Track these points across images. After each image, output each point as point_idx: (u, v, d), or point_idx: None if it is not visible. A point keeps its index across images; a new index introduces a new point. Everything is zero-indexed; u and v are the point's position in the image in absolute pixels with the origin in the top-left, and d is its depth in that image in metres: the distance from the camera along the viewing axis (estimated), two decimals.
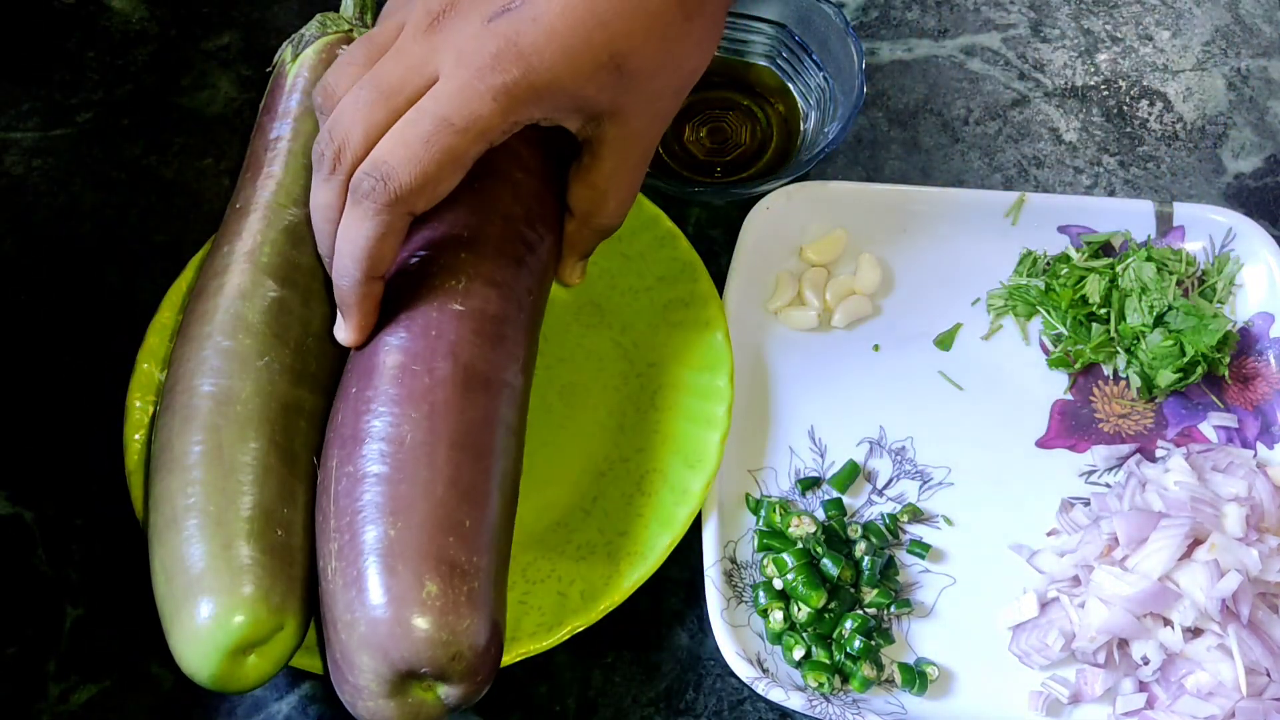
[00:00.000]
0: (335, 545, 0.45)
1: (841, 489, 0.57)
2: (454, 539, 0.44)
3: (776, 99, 0.67)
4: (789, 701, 0.51)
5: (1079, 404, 0.60)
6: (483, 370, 0.48)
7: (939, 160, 0.67)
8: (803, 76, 0.66)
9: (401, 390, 0.47)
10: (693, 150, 0.66)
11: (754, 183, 0.61)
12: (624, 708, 0.54)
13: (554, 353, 0.60)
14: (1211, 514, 0.52)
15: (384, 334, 0.49)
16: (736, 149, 0.66)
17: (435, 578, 0.43)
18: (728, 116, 0.67)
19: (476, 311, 0.49)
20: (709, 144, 0.66)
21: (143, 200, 0.66)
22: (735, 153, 0.66)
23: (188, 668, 0.44)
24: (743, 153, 0.66)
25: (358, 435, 0.46)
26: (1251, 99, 0.69)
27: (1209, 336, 0.58)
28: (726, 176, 0.65)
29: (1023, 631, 0.54)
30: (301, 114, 0.55)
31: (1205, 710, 0.50)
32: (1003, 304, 0.62)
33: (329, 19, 0.59)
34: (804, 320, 0.61)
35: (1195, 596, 0.50)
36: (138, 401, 0.56)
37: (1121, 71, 0.70)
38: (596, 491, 0.56)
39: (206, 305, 0.51)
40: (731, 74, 0.68)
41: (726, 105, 0.67)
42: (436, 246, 0.50)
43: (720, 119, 0.67)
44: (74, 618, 0.56)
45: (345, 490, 0.45)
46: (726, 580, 0.54)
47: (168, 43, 0.71)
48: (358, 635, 0.43)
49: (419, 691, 0.44)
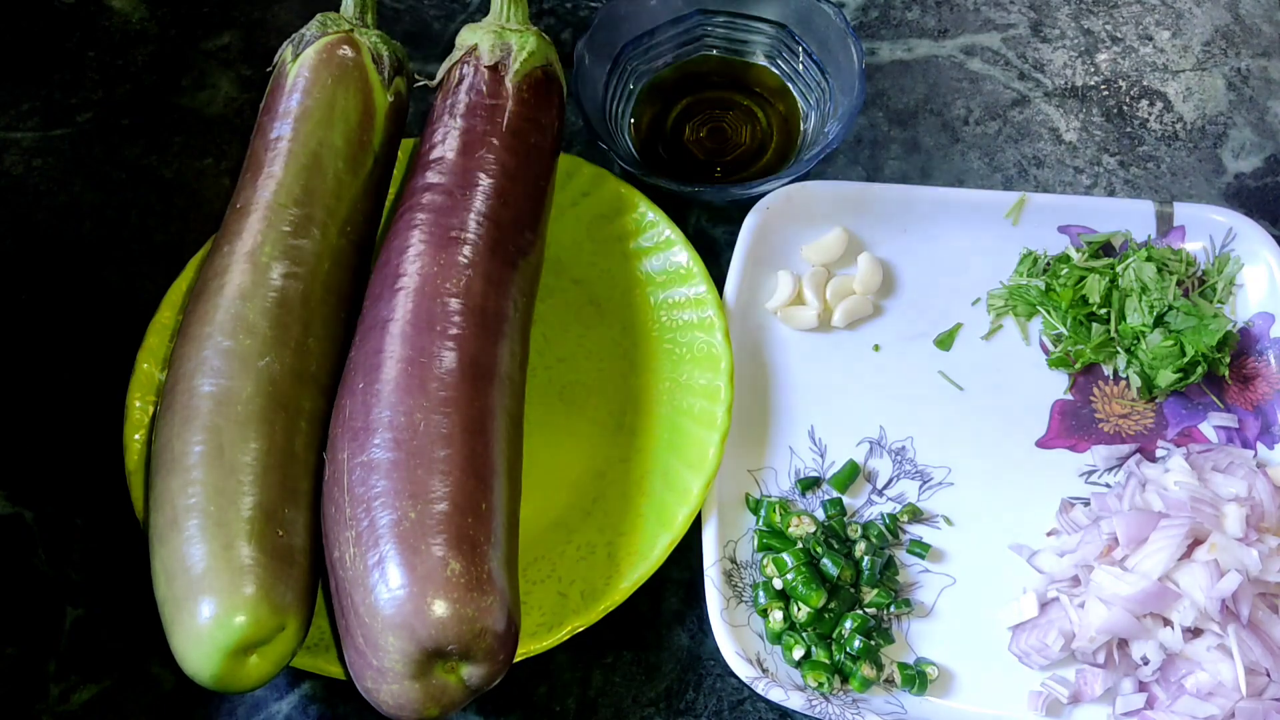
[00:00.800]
0: (352, 533, 0.45)
1: (841, 489, 0.57)
2: (473, 519, 0.45)
3: (777, 99, 0.67)
4: (789, 701, 0.51)
5: (1079, 404, 0.60)
6: (486, 363, 0.49)
7: (939, 160, 0.67)
8: (803, 76, 0.66)
9: (411, 381, 0.48)
10: (693, 150, 0.66)
11: (754, 183, 0.61)
12: (624, 708, 0.54)
13: (554, 353, 0.60)
14: (1211, 514, 0.52)
15: (389, 330, 0.50)
16: (737, 149, 0.66)
17: (458, 556, 0.44)
18: (727, 116, 0.67)
19: (477, 308, 0.50)
20: (709, 144, 0.66)
21: (143, 200, 0.66)
22: (735, 153, 0.66)
23: (189, 668, 0.44)
24: (743, 153, 0.66)
25: (369, 427, 0.47)
26: (1251, 99, 0.69)
27: (1209, 336, 0.58)
28: (727, 177, 0.65)
29: (1022, 631, 0.54)
30: (301, 114, 0.55)
31: (1205, 710, 0.50)
32: (1003, 304, 0.62)
33: (329, 19, 0.59)
34: (804, 320, 0.61)
35: (1195, 596, 0.50)
36: (138, 402, 0.56)
37: (1121, 71, 0.70)
38: (596, 492, 0.57)
39: (207, 305, 0.51)
40: (731, 74, 0.68)
41: (726, 105, 0.67)
42: (436, 248, 0.51)
43: (720, 119, 0.67)
44: (74, 618, 0.56)
45: (359, 479, 0.46)
46: (726, 580, 0.54)
47: (168, 43, 0.71)
48: (383, 618, 0.43)
49: (442, 673, 0.44)
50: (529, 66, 0.57)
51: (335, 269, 0.54)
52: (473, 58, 0.57)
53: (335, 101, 0.56)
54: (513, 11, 0.59)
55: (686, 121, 0.66)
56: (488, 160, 0.54)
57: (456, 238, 0.52)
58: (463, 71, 0.57)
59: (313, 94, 0.56)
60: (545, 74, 0.58)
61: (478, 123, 0.55)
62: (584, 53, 0.63)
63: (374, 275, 0.53)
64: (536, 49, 0.58)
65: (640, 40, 0.66)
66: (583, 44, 0.63)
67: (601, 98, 0.64)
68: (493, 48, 0.57)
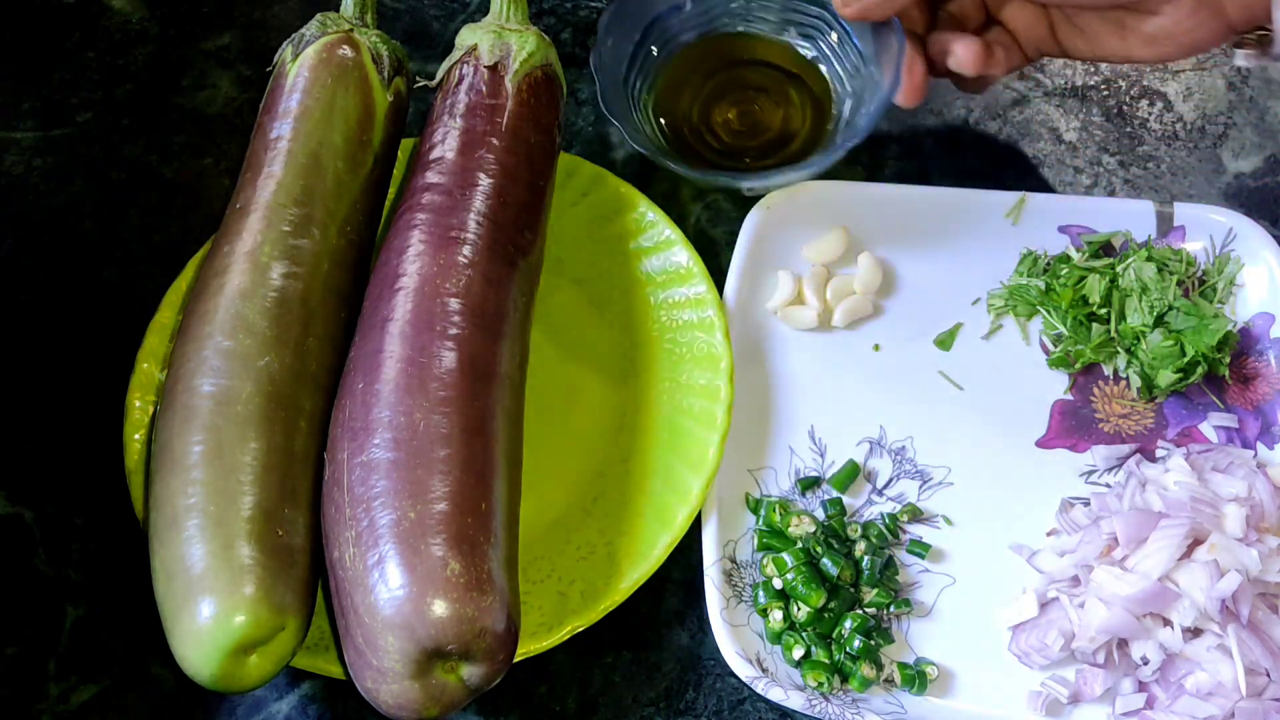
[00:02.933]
0: (352, 532, 0.45)
1: (841, 489, 0.57)
2: (472, 519, 0.45)
3: (813, 82, 0.65)
4: (789, 701, 0.51)
5: (1079, 404, 0.60)
6: (485, 362, 0.49)
7: (939, 160, 0.67)
8: (843, 60, 0.64)
9: (411, 381, 0.48)
10: (719, 132, 0.64)
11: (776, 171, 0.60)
12: (624, 707, 0.54)
13: (554, 353, 0.60)
14: (1211, 514, 0.52)
15: (388, 330, 0.50)
16: (765, 134, 0.64)
17: (458, 556, 0.44)
18: (760, 99, 0.65)
19: (476, 307, 0.50)
20: (737, 126, 0.64)
21: (143, 200, 0.66)
22: (763, 138, 0.64)
23: (189, 668, 0.45)
24: (771, 139, 0.64)
25: (368, 426, 0.47)
26: (1251, 99, 0.69)
27: (1209, 336, 0.58)
28: (755, 162, 0.63)
29: (1022, 631, 0.54)
30: (301, 114, 0.55)
31: (1205, 710, 0.50)
32: (1003, 304, 0.62)
33: (329, 18, 0.59)
34: (804, 320, 0.61)
35: (1195, 596, 0.50)
36: (138, 401, 0.56)
37: (1121, 71, 0.70)
38: (596, 491, 0.57)
39: (207, 305, 0.51)
40: (768, 54, 0.66)
41: (759, 88, 0.65)
42: (436, 248, 0.52)
43: (753, 101, 0.65)
44: (74, 617, 0.56)
45: (359, 479, 0.46)
46: (726, 580, 0.54)
47: (168, 42, 0.71)
48: (382, 617, 0.43)
49: (442, 673, 0.44)
50: (529, 66, 0.57)
51: (335, 269, 0.54)
52: (472, 58, 0.57)
53: (335, 101, 0.56)
54: (512, 11, 0.59)
55: (715, 103, 0.65)
56: (487, 160, 0.54)
57: (456, 237, 0.52)
58: (462, 71, 0.57)
59: (312, 94, 0.56)
60: (545, 74, 0.58)
61: (477, 123, 0.55)
62: (607, 27, 0.61)
63: (374, 275, 0.53)
64: (536, 49, 0.58)
65: (668, 15, 0.64)
66: (606, 18, 0.61)
67: (624, 75, 0.63)
68: (492, 48, 0.57)
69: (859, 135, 0.59)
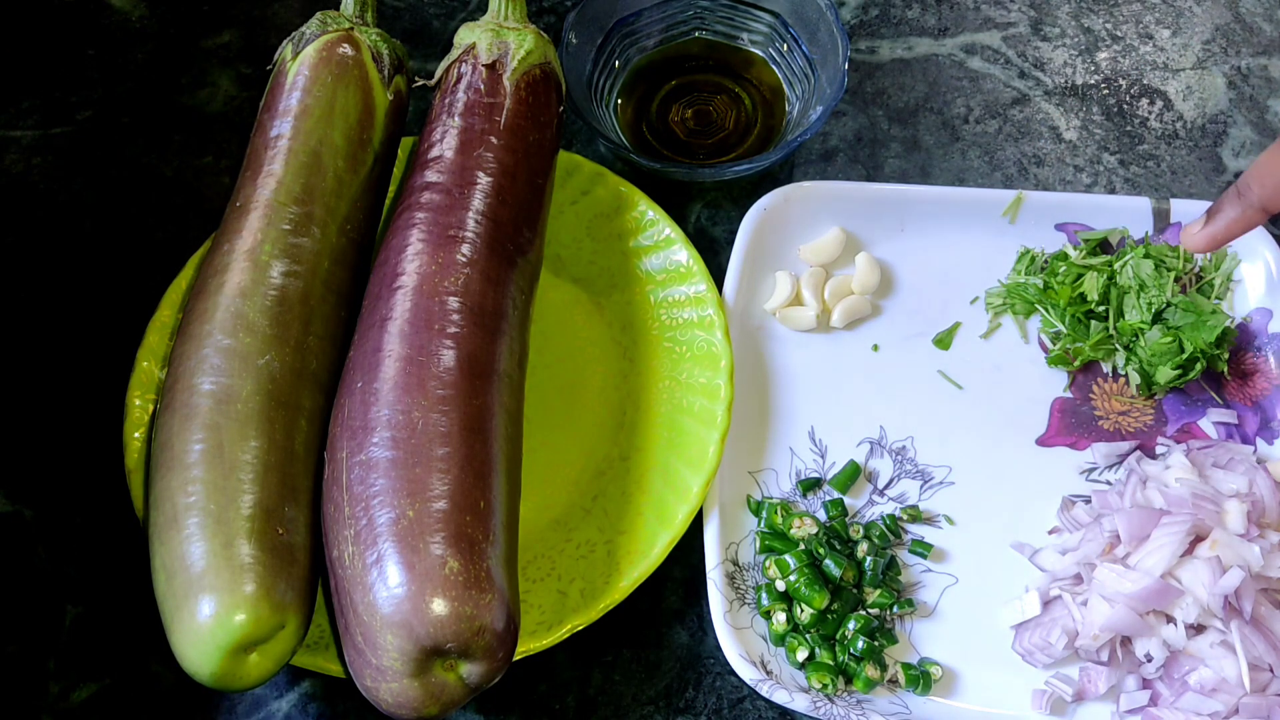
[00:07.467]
0: (351, 531, 0.45)
1: (842, 489, 0.57)
2: (471, 518, 0.45)
3: (764, 86, 0.67)
4: (793, 703, 0.51)
5: (1079, 402, 0.60)
6: (484, 360, 0.49)
7: (939, 159, 0.67)
8: (791, 65, 0.67)
9: (410, 379, 0.47)
10: (675, 130, 0.66)
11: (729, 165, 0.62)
12: (624, 706, 0.54)
13: (554, 352, 0.60)
14: (1212, 510, 0.52)
15: (388, 328, 0.49)
16: (719, 133, 0.66)
17: (456, 555, 0.44)
18: (715, 100, 0.67)
19: (475, 306, 0.50)
20: (692, 125, 0.66)
21: (143, 198, 0.66)
22: (718, 136, 0.66)
23: (189, 666, 0.44)
24: (724, 138, 0.66)
25: (367, 425, 0.47)
26: (1251, 97, 0.69)
27: (1207, 333, 0.58)
28: (709, 159, 0.66)
29: (1025, 630, 0.54)
30: (301, 112, 0.55)
31: (1209, 707, 0.50)
32: (1001, 302, 0.62)
33: (329, 17, 0.59)
34: (803, 320, 0.61)
35: (1197, 593, 0.50)
36: (137, 400, 0.56)
37: (1122, 70, 0.70)
38: (596, 490, 0.56)
39: (207, 303, 0.50)
40: (723, 59, 0.68)
41: (715, 89, 0.68)
42: (435, 246, 0.51)
43: (708, 102, 0.67)
44: (74, 616, 0.56)
45: (359, 478, 0.46)
46: (729, 582, 0.54)
47: (168, 41, 0.71)
48: (381, 616, 0.43)
49: (441, 671, 0.44)
50: (527, 65, 0.57)
51: (335, 267, 0.54)
52: (471, 56, 0.57)
53: (335, 99, 0.56)
54: (510, 10, 0.59)
55: (674, 101, 0.67)
56: (486, 159, 0.54)
57: (455, 236, 0.52)
58: (461, 70, 0.57)
59: (313, 92, 0.56)
60: (543, 72, 0.58)
61: (476, 121, 0.55)
62: (572, 28, 0.63)
63: (373, 274, 0.53)
64: (534, 47, 0.58)
65: (630, 20, 0.67)
66: (571, 19, 0.63)
67: (588, 74, 0.65)
68: (490, 46, 0.57)
69: (807, 133, 0.61)
